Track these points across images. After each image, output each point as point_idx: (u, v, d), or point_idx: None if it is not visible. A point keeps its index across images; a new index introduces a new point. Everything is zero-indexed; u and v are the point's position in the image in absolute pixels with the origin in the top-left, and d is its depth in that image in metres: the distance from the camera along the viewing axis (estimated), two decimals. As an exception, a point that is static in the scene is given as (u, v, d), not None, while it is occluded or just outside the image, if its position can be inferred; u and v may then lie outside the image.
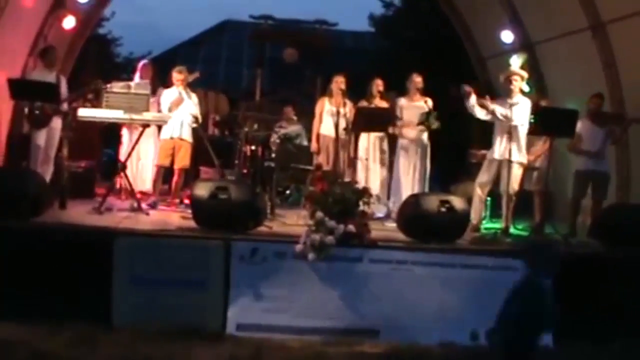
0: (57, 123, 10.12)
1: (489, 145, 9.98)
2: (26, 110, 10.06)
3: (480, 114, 9.70)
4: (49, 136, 10.10)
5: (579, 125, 9.75)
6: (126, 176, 9.84)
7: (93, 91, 10.35)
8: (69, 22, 12.21)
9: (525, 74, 9.95)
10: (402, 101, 10.58)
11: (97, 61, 17.74)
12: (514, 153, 9.50)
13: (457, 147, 13.21)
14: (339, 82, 10.77)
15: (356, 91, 11.29)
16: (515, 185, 9.60)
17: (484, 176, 9.85)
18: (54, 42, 11.71)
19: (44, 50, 10.65)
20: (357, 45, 24.96)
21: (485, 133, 10.34)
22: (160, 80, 11.07)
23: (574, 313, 7.60)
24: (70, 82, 10.88)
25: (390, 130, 10.51)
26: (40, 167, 9.84)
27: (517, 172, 9.60)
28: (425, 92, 10.62)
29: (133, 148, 10.08)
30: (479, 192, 9.83)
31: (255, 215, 8.28)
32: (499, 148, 9.64)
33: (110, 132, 11.75)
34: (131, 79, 11.08)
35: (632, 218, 8.83)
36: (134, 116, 9.43)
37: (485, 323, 7.55)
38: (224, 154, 11.07)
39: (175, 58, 22.44)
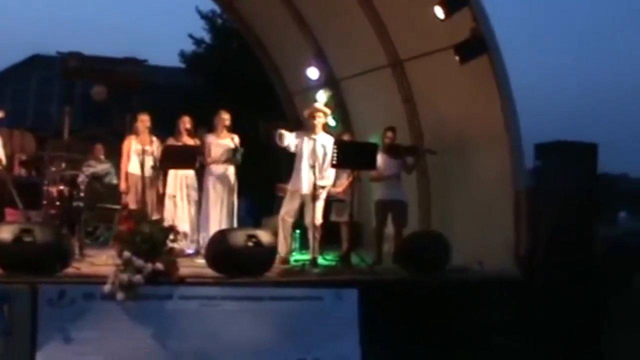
0: None
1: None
2: None
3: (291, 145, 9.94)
4: None
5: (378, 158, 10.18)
6: None
7: None
8: None
9: (328, 111, 10.27)
10: (210, 138, 10.69)
11: None
12: (316, 186, 9.71)
13: (268, 181, 13.45)
14: (144, 121, 10.72)
15: (168, 128, 11.32)
16: (319, 216, 9.84)
17: (286, 208, 10.04)
18: None
19: None
20: (169, 82, 24.81)
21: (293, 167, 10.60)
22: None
23: (382, 337, 7.99)
24: None
25: (197, 166, 10.56)
26: None
27: (320, 204, 9.85)
28: (235, 128, 10.78)
29: None
30: (283, 225, 9.99)
31: (62, 257, 8.09)
32: (302, 181, 9.86)
33: None
34: None
35: (431, 244, 9.39)
36: None
37: (297, 353, 7.87)
38: (30, 194, 10.74)
39: (-21, 95, 21.68)
